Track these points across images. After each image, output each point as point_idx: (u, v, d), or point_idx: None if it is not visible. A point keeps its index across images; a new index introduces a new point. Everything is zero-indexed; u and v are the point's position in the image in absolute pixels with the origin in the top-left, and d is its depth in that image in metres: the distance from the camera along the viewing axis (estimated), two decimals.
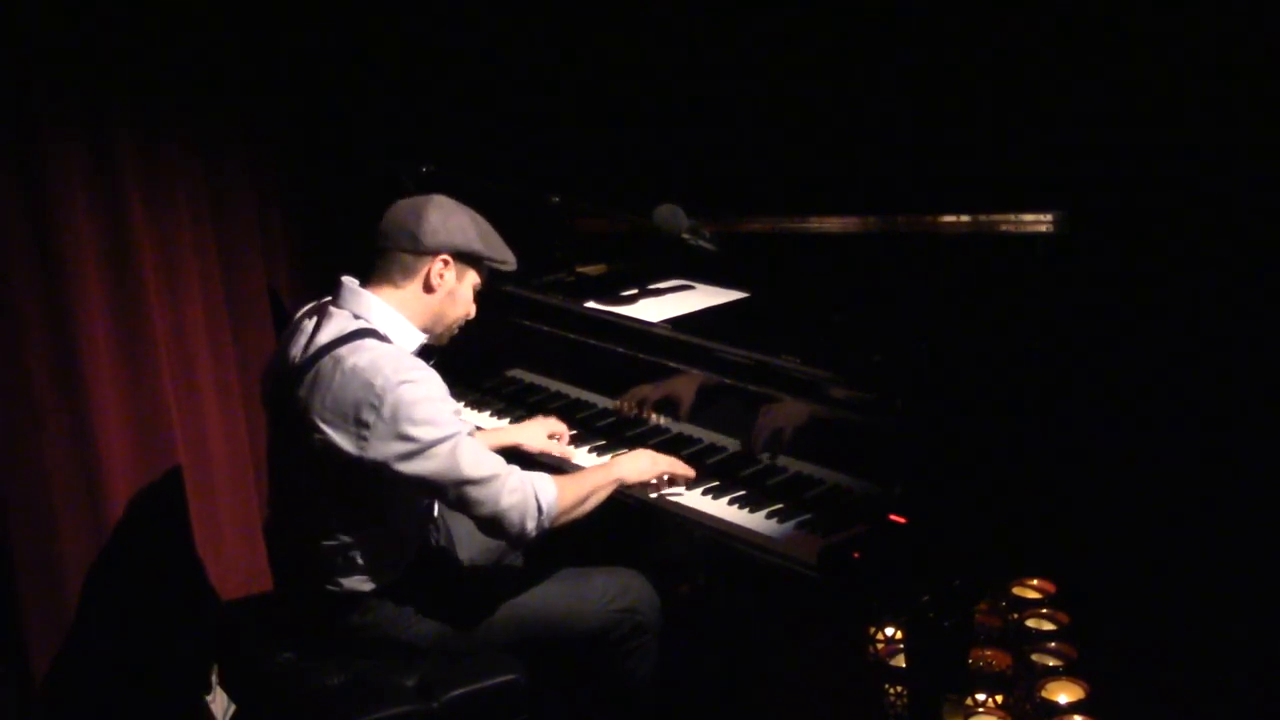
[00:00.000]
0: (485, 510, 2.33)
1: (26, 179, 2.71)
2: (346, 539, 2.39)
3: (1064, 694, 2.85)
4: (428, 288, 2.43)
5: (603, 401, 2.96)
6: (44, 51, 2.72)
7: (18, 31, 2.66)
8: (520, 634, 2.52)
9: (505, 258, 2.52)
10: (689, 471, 2.62)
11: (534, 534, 2.37)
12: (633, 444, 2.82)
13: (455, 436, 2.31)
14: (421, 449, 2.28)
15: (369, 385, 2.26)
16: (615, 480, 2.54)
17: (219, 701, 3.17)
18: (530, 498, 2.35)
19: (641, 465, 2.59)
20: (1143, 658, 2.99)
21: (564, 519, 2.43)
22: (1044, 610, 3.11)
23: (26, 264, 2.73)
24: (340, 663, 2.44)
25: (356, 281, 2.44)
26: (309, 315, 2.46)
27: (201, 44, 3.06)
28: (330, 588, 2.42)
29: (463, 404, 3.17)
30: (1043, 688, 2.84)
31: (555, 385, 3.10)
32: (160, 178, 3.00)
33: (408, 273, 2.42)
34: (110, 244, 2.88)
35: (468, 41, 3.69)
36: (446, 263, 2.43)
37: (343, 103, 3.48)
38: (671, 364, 2.76)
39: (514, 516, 2.34)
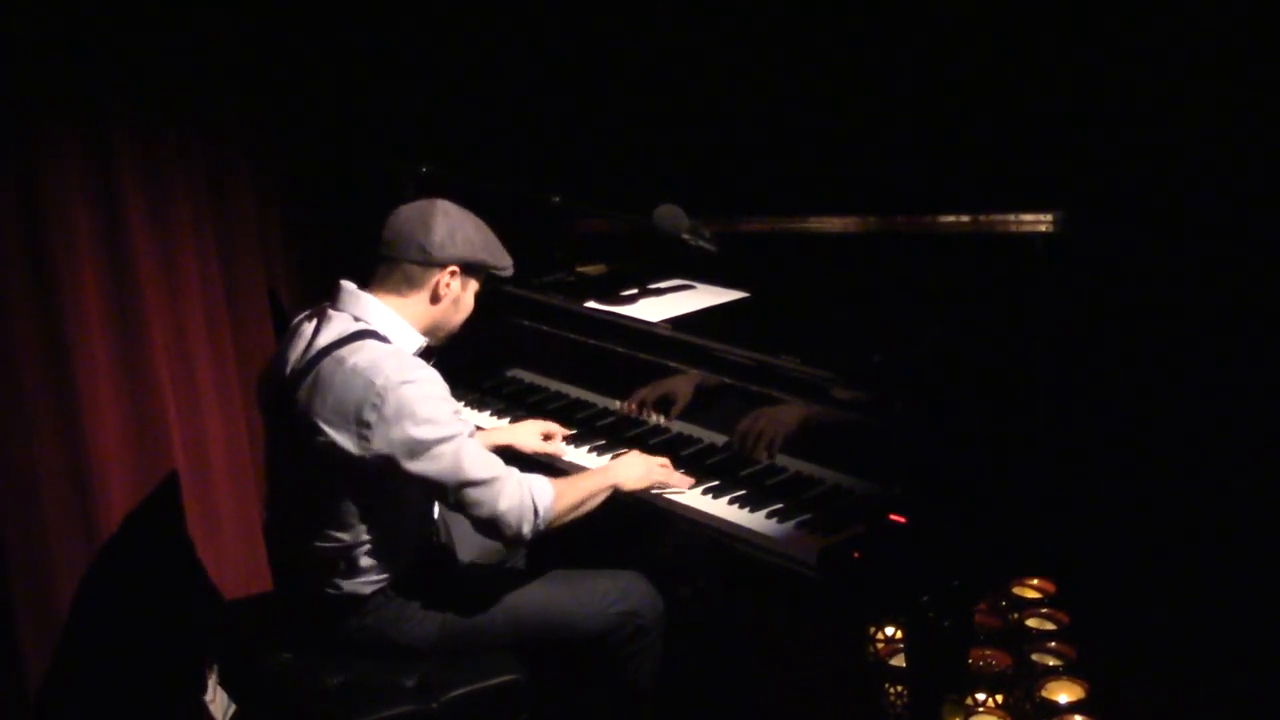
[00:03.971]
0: (483, 511, 2.34)
1: (22, 179, 2.70)
2: (346, 541, 2.38)
3: (1064, 694, 2.85)
4: (434, 298, 2.44)
5: (603, 401, 2.96)
6: (42, 51, 2.71)
7: (15, 31, 2.66)
8: (521, 636, 2.52)
9: (506, 263, 2.53)
10: (684, 481, 2.63)
11: (529, 537, 2.39)
12: (632, 444, 2.82)
13: (458, 437, 2.31)
14: (424, 448, 2.28)
15: (370, 385, 2.26)
16: (611, 486, 2.55)
17: (219, 702, 3.17)
18: (528, 501, 2.37)
19: (637, 473, 2.60)
20: (1143, 658, 3.00)
21: (560, 522, 2.45)
22: (1044, 610, 3.12)
23: (21, 265, 2.72)
24: (340, 663, 2.44)
25: (355, 285, 2.44)
26: (307, 319, 2.45)
27: (201, 43, 3.06)
28: (329, 590, 2.42)
29: (463, 404, 3.16)
30: (1043, 688, 2.84)
31: (555, 385, 3.09)
32: (159, 178, 2.99)
33: (414, 283, 2.42)
34: (108, 244, 2.87)
35: (467, 41, 3.69)
36: (454, 273, 2.44)
37: (343, 103, 3.48)
38: (671, 364, 2.76)
39: (511, 519, 2.35)
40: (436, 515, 2.66)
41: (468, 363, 3.19)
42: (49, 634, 2.85)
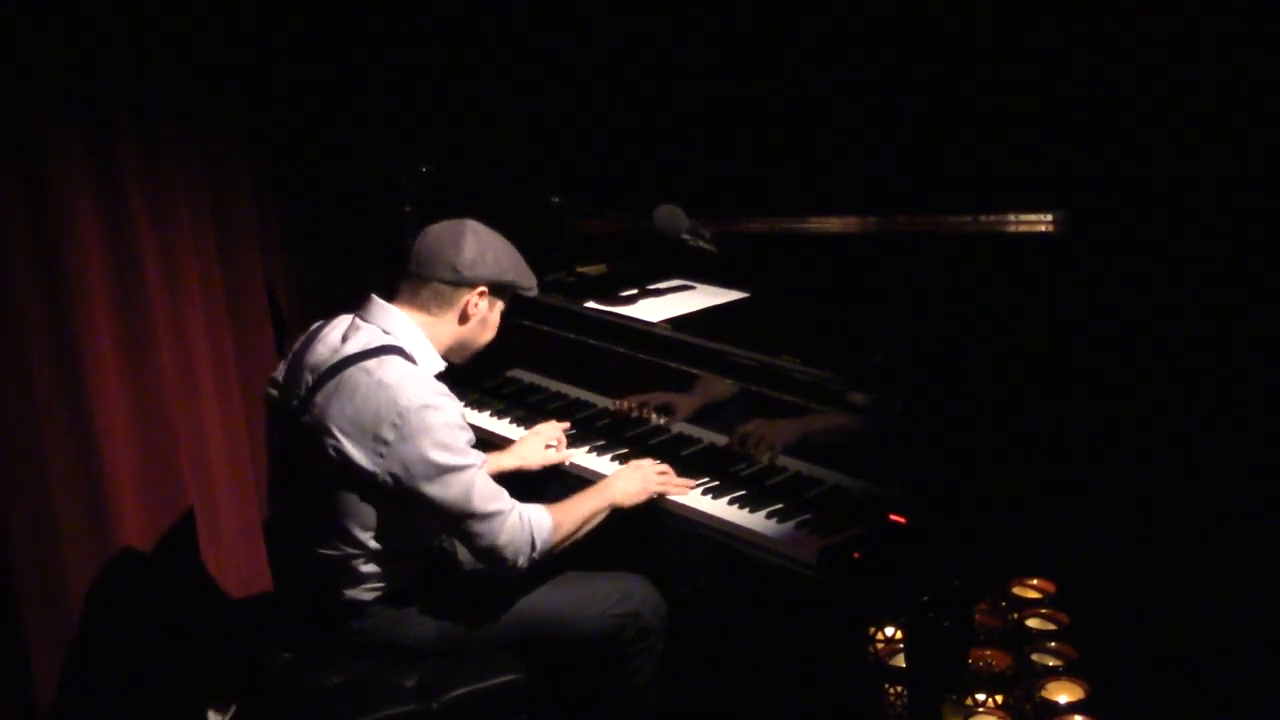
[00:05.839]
0: (482, 543, 2.37)
1: (28, 182, 2.71)
2: (350, 549, 2.38)
3: (1064, 694, 2.85)
4: (463, 318, 2.46)
5: (603, 401, 2.96)
6: (44, 55, 2.71)
7: (18, 35, 2.66)
8: (522, 638, 2.51)
9: (532, 284, 2.57)
10: (683, 487, 2.63)
11: (524, 568, 2.41)
12: (632, 444, 2.83)
13: (471, 468, 2.33)
14: (437, 474, 2.29)
15: (394, 403, 2.27)
16: (609, 505, 2.57)
17: None
18: (526, 536, 2.39)
19: (634, 487, 2.60)
20: (1143, 658, 3.00)
21: (559, 549, 2.47)
22: (1044, 610, 3.12)
23: (29, 267, 2.73)
24: (340, 663, 2.44)
25: (383, 299, 2.44)
26: (333, 326, 2.45)
27: (201, 45, 3.05)
28: (330, 595, 2.41)
29: (463, 404, 3.16)
30: (1043, 688, 2.85)
31: (555, 385, 3.09)
32: (161, 179, 3.00)
33: (444, 302, 2.43)
34: (112, 245, 2.87)
35: (467, 41, 3.69)
36: (483, 293, 2.45)
37: (342, 103, 3.48)
38: (671, 364, 2.76)
39: (507, 553, 2.38)
40: None
41: (468, 363, 3.19)
42: (55, 633, 2.85)
